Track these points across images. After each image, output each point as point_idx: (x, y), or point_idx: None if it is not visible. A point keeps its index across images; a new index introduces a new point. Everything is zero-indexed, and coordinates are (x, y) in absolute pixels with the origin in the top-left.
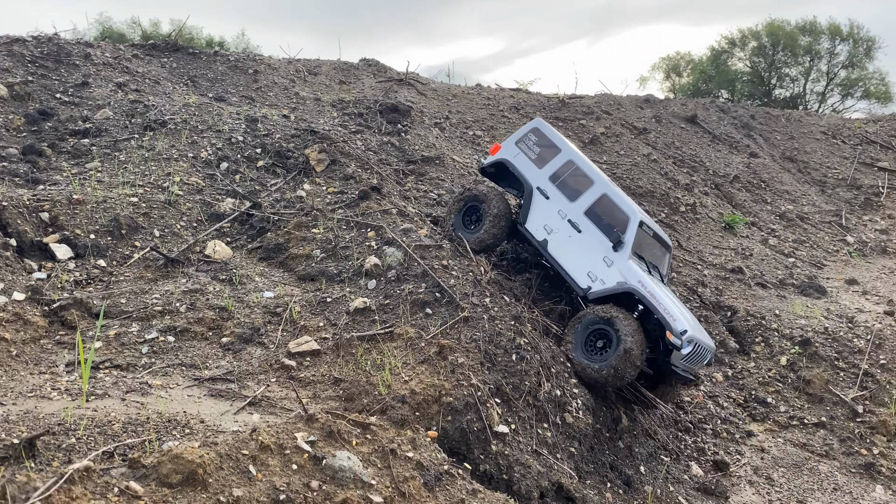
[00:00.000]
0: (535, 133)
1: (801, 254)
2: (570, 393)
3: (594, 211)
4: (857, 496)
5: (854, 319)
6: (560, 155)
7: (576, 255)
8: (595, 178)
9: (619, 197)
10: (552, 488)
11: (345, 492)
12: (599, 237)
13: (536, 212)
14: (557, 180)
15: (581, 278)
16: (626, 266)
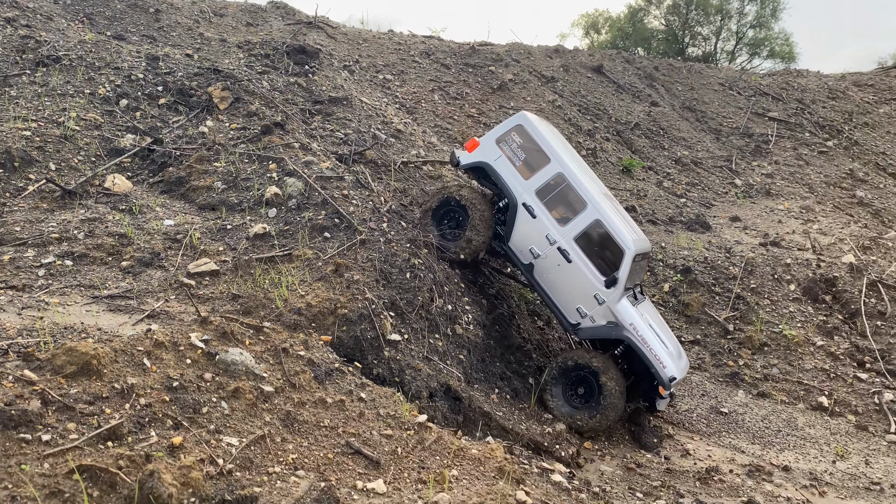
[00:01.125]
0: (518, 132)
1: (692, 195)
2: (461, 309)
3: (586, 239)
4: (721, 400)
5: (731, 250)
6: (549, 166)
7: (564, 287)
8: (588, 198)
9: (613, 223)
10: (441, 389)
11: (237, 382)
12: (591, 270)
13: (521, 231)
14: (546, 197)
15: (570, 313)
16: (618, 307)
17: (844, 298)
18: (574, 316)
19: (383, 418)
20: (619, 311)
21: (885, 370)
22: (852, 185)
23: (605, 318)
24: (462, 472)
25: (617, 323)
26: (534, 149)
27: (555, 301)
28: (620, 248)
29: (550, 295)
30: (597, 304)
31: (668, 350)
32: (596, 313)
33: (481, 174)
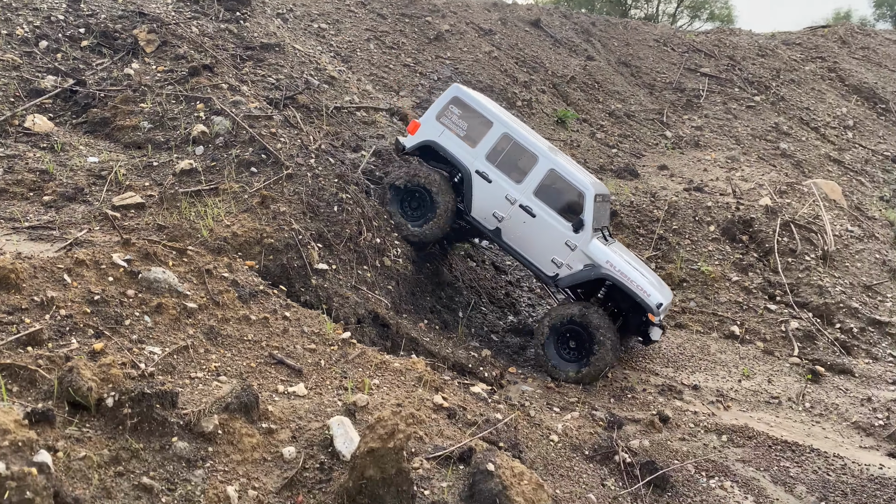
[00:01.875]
0: (456, 104)
1: (624, 146)
2: (390, 243)
3: (544, 190)
4: None
5: (656, 195)
6: (493, 129)
7: (535, 242)
8: (538, 151)
9: (568, 170)
10: (369, 316)
11: (160, 298)
12: (556, 219)
13: (480, 198)
14: (497, 159)
15: (546, 266)
16: (591, 249)
17: (760, 238)
18: (550, 268)
19: (308, 335)
20: (592, 252)
21: (793, 302)
22: (777, 138)
23: (580, 262)
24: (383, 381)
25: (593, 264)
26: (474, 116)
27: (529, 258)
28: (580, 191)
29: (523, 253)
30: (569, 250)
31: (649, 280)
32: (571, 260)
33: (429, 154)
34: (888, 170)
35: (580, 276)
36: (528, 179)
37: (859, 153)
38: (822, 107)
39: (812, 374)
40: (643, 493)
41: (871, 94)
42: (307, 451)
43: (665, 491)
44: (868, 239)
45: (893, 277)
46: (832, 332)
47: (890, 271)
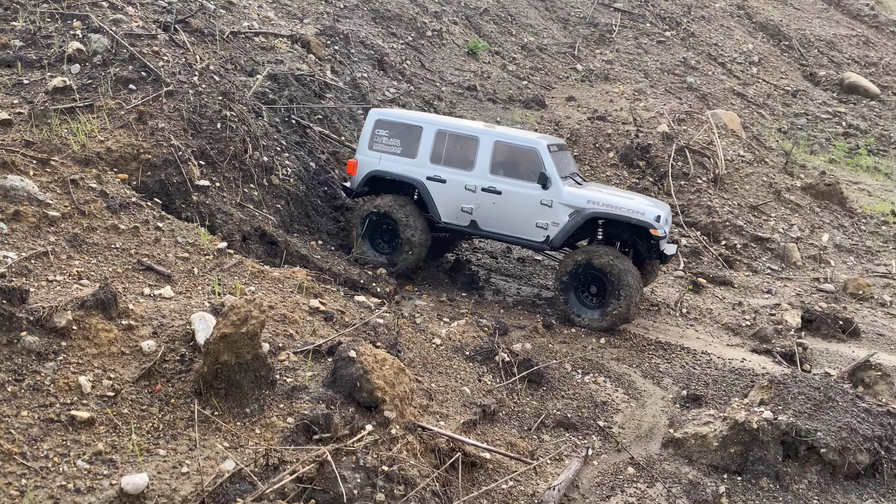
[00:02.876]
0: (380, 126)
1: (535, 78)
2: (280, 163)
3: (498, 164)
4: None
5: (560, 123)
6: (424, 132)
7: (512, 216)
8: (473, 131)
9: (512, 135)
10: (255, 233)
11: (18, 206)
12: (522, 185)
13: (443, 201)
14: (441, 158)
15: (534, 234)
16: (566, 196)
17: (656, 163)
18: (538, 234)
19: (182, 245)
20: (570, 199)
21: (683, 222)
22: (684, 72)
23: (564, 214)
24: (259, 288)
25: (576, 209)
26: (402, 130)
27: (514, 234)
28: (531, 149)
29: (507, 232)
30: (548, 208)
31: (639, 202)
32: (553, 216)
33: (377, 186)
34: (788, 104)
35: (570, 227)
36: (479, 161)
37: (762, 87)
38: (729, 43)
39: (693, 286)
40: (519, 388)
41: (777, 32)
42: (168, 345)
43: (540, 385)
44: (758, 164)
45: (778, 198)
46: (717, 248)
47: (775, 192)
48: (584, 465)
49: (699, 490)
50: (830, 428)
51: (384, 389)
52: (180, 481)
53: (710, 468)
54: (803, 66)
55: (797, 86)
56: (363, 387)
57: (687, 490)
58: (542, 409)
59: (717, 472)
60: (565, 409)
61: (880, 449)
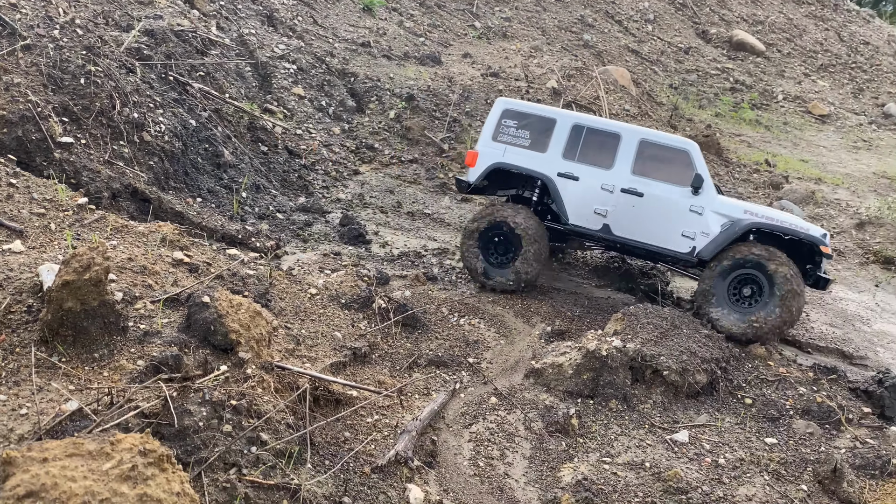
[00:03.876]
0: (509, 117)
1: (432, 35)
2: (152, 119)
3: (642, 164)
4: (430, 204)
5: (453, 79)
6: (559, 125)
7: (654, 223)
8: (617, 128)
9: (659, 135)
10: (125, 191)
11: None
12: (669, 189)
13: (573, 200)
14: (575, 154)
15: (678, 244)
16: (720, 205)
17: None
18: (684, 244)
19: (38, 201)
20: (724, 208)
21: None
22: (581, 30)
23: (715, 224)
24: (122, 243)
25: (731, 219)
26: (532, 121)
27: (654, 243)
28: (682, 150)
29: (645, 241)
30: (698, 216)
31: (790, 216)
32: (703, 226)
33: (494, 181)
34: (680, 60)
35: (724, 238)
36: (619, 160)
37: (656, 45)
38: (626, 1)
39: None
40: (395, 332)
41: None
42: (14, 297)
43: (416, 329)
44: (643, 117)
45: None
46: None
47: None
48: (452, 398)
49: (552, 413)
50: (673, 352)
51: (239, 332)
52: (18, 422)
53: (565, 394)
54: (696, 23)
55: (689, 43)
56: (217, 330)
57: (542, 414)
58: (416, 350)
59: (572, 397)
60: (438, 349)
61: (717, 369)
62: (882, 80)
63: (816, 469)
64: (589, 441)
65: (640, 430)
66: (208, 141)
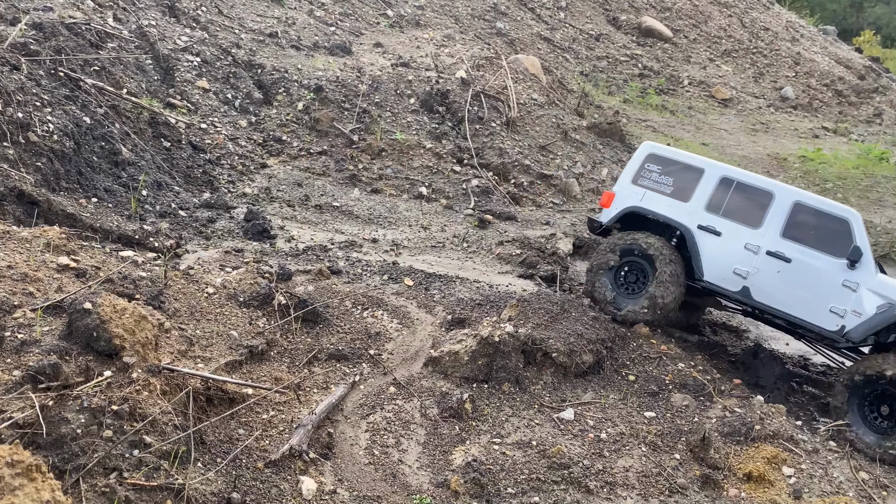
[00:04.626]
0: (653, 161)
1: (343, 25)
2: (40, 118)
3: (795, 228)
4: (338, 196)
5: (363, 70)
6: (706, 175)
7: (800, 293)
8: (771, 186)
9: (817, 199)
10: (10, 194)
11: None
12: (822, 258)
13: (712, 256)
14: (721, 208)
15: (824, 320)
16: (877, 283)
17: (454, 108)
18: (831, 321)
19: None
20: (882, 288)
21: (477, 164)
22: (494, 18)
23: (871, 304)
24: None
25: (890, 301)
26: (679, 169)
27: (797, 315)
28: (842, 218)
29: (787, 311)
30: (850, 292)
31: None
32: (856, 304)
33: (628, 225)
34: (591, 47)
35: (879, 321)
36: (769, 220)
37: (568, 32)
38: None
39: (480, 222)
40: (295, 328)
41: None
42: None
43: (317, 324)
44: (550, 106)
45: (565, 138)
46: (507, 187)
47: (563, 133)
48: (351, 391)
49: (447, 399)
50: (561, 335)
51: (123, 337)
52: None
53: (461, 380)
54: (607, 10)
55: (601, 30)
56: (100, 336)
57: (438, 401)
58: (316, 345)
59: (468, 383)
60: (339, 343)
61: (603, 349)
62: (781, 64)
63: (689, 438)
64: (481, 424)
65: (530, 410)
66: (104, 139)
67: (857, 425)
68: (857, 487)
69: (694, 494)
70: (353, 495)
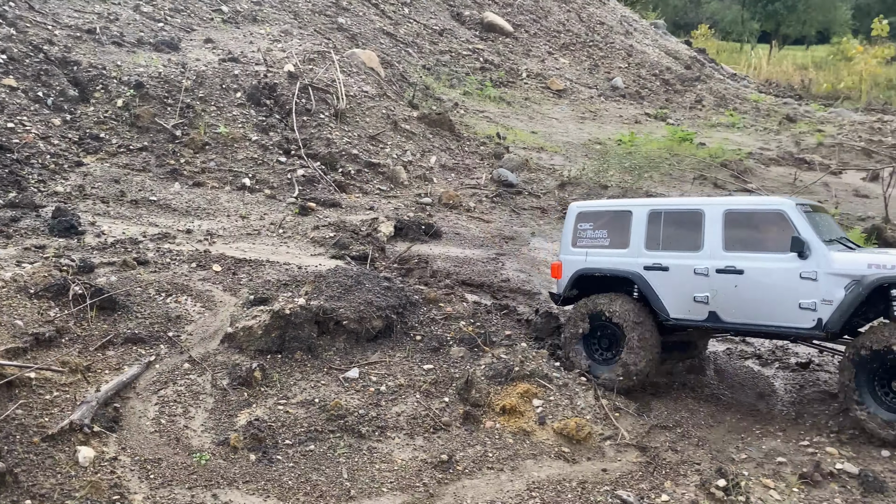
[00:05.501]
0: (583, 219)
1: (174, 20)
2: None
3: (734, 237)
4: (157, 191)
5: (187, 65)
6: (634, 216)
7: (763, 299)
8: (696, 204)
9: (745, 201)
10: None
11: None
12: (771, 259)
13: (669, 293)
14: (658, 243)
15: (797, 319)
16: (837, 262)
17: (282, 101)
18: (806, 318)
19: None
20: (843, 266)
21: (305, 154)
22: (336, 13)
23: (837, 287)
24: None
25: (853, 277)
26: (609, 219)
27: (771, 323)
28: (775, 212)
29: (761, 321)
30: (812, 283)
31: None
32: (822, 292)
33: (586, 288)
34: (435, 42)
35: (851, 301)
36: (708, 238)
37: (412, 27)
38: None
39: (301, 209)
40: (91, 316)
41: None
42: None
43: (115, 311)
44: (381, 98)
45: (395, 128)
46: (333, 175)
47: (393, 123)
48: (146, 370)
49: (238, 370)
50: (352, 304)
51: None
52: None
53: (256, 352)
54: (451, 6)
55: (444, 25)
56: None
57: (230, 372)
58: (113, 331)
59: (262, 355)
60: (137, 328)
61: (393, 315)
62: (615, 56)
63: (457, 383)
64: (269, 389)
65: (319, 373)
66: None
67: (869, 403)
68: (595, 412)
69: (456, 429)
70: (134, 460)
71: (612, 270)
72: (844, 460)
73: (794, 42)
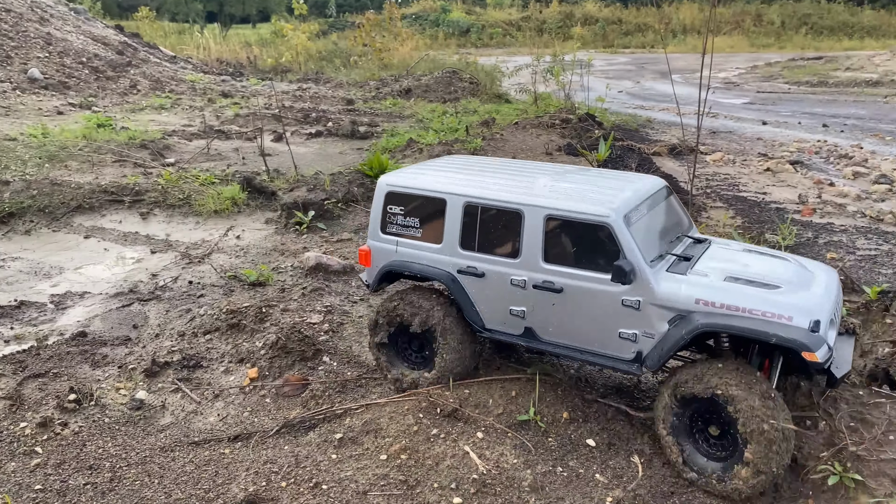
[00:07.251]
0: (394, 202)
1: None
2: None
3: (556, 248)
4: None
5: None
6: (450, 206)
7: (582, 323)
8: (517, 201)
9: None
10: None
11: None
12: (593, 279)
13: (483, 301)
14: (474, 242)
15: (617, 348)
16: (663, 292)
17: None
18: (625, 348)
19: None
20: (669, 297)
21: None
22: None
23: (661, 319)
24: None
25: (680, 312)
26: (421, 204)
27: (586, 348)
28: (598, 224)
29: (575, 345)
30: (635, 311)
31: (777, 288)
32: (643, 324)
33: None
34: None
35: (672, 342)
36: (527, 245)
37: None
38: None
39: None
40: None
41: None
42: None
43: None
44: None
45: None
46: None
47: None
48: None
49: None
50: None
51: None
52: None
53: None
54: None
55: None
56: None
57: None
58: None
59: None
60: None
61: None
62: (31, 46)
63: None
64: None
65: None
66: None
67: (691, 454)
68: None
69: None
70: None
71: (423, 271)
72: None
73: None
